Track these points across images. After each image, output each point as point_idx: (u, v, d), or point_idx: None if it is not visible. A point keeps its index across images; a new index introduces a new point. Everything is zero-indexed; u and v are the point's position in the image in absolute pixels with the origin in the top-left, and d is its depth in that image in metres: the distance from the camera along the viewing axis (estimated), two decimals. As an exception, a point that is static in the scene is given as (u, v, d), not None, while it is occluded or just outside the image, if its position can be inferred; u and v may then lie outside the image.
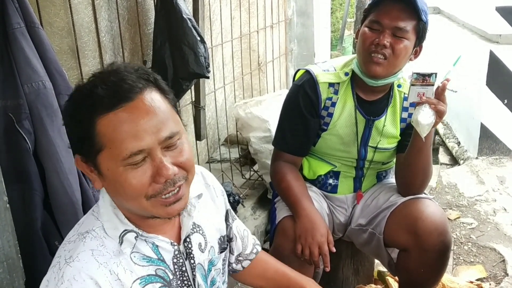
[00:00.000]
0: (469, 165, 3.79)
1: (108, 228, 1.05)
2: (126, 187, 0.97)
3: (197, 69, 1.99)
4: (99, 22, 1.88)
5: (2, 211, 1.25)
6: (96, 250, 1.02)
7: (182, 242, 1.15)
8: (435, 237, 1.74)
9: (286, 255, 1.75)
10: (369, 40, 1.75)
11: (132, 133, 0.94)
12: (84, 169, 1.02)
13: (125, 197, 1.00)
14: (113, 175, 0.97)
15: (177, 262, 1.13)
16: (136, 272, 1.05)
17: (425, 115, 1.63)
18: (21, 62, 1.38)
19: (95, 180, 1.02)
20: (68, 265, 0.99)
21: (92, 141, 0.95)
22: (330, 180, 2.03)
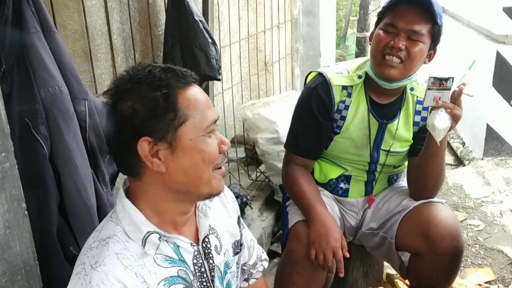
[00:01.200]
0: (474, 166, 3.79)
1: (131, 231, 1.06)
2: (207, 153, 1.05)
3: (208, 71, 1.98)
4: (111, 24, 1.87)
5: (20, 217, 1.24)
6: (121, 254, 1.03)
7: (201, 243, 1.17)
8: (448, 241, 1.74)
9: (299, 260, 1.75)
10: (383, 42, 1.75)
11: (208, 105, 1.07)
12: (146, 154, 1.02)
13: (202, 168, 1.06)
14: (195, 145, 1.04)
15: (196, 263, 1.15)
16: (160, 273, 1.06)
17: (441, 119, 1.62)
18: (37, 67, 1.37)
19: (158, 165, 1.03)
20: (95, 270, 0.99)
21: (176, 114, 1.01)
22: (342, 184, 2.02)
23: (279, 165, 2.84)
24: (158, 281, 1.05)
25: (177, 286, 1.09)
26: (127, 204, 1.07)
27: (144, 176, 1.06)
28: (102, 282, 0.98)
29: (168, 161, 1.04)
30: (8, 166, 1.20)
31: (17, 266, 1.25)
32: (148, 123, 1.01)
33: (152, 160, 1.02)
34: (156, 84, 1.01)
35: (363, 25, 6.02)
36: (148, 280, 1.04)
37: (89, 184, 1.48)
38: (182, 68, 1.07)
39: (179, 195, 1.09)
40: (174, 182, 1.06)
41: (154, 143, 1.02)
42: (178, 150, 1.03)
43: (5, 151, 1.19)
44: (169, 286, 1.07)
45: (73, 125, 1.43)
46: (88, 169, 1.49)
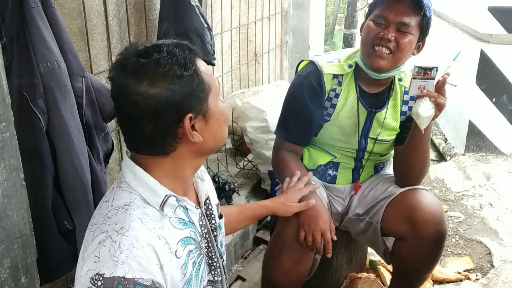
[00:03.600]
0: (456, 161, 3.88)
1: (149, 197, 1.09)
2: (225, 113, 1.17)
3: (204, 56, 1.97)
4: (108, 5, 1.88)
5: (18, 188, 1.26)
6: (144, 218, 1.06)
7: (203, 205, 1.25)
8: (432, 226, 1.80)
9: (288, 241, 1.79)
10: (373, 33, 1.80)
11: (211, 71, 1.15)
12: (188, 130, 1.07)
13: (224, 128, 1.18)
14: (217, 110, 1.13)
15: (202, 224, 1.22)
16: (177, 234, 1.12)
17: (425, 108, 1.67)
18: (37, 41, 1.38)
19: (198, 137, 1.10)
20: (123, 235, 1.01)
21: (204, 85, 1.08)
22: (330, 171, 2.07)
23: (267, 154, 2.88)
24: (176, 242, 1.10)
25: (190, 246, 1.16)
26: (140, 172, 1.10)
27: (174, 152, 1.10)
28: (132, 246, 1.00)
29: (203, 131, 1.11)
30: (8, 136, 1.22)
31: (13, 235, 1.27)
32: (188, 101, 1.06)
33: (192, 133, 1.09)
34: (183, 62, 1.05)
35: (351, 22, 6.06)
36: (169, 241, 1.08)
37: (84, 160, 1.50)
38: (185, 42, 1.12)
39: (201, 158, 1.19)
40: (206, 148, 1.14)
41: (194, 117, 1.08)
42: (209, 119, 1.11)
43: (5, 121, 1.21)
44: (185, 246, 1.13)
45: (70, 101, 1.45)
46: (84, 145, 1.51)
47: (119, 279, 0.96)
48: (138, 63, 1.03)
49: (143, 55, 1.04)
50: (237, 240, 2.63)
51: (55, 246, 1.51)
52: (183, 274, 1.11)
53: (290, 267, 1.81)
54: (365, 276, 2.36)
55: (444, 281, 2.46)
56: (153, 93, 1.02)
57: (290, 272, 1.81)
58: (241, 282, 2.49)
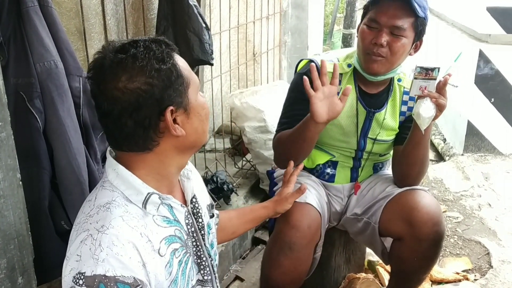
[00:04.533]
0: (454, 161, 3.88)
1: (131, 195, 1.08)
2: (205, 107, 1.16)
3: (202, 55, 2.01)
4: (106, 4, 1.88)
5: (15, 187, 1.26)
6: (125, 216, 1.05)
7: (189, 203, 1.24)
8: (430, 227, 1.79)
9: (287, 242, 1.78)
10: (367, 39, 1.79)
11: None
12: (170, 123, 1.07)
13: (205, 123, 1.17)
14: (198, 104, 1.13)
15: (188, 223, 1.21)
16: (160, 233, 1.11)
17: (426, 108, 1.67)
18: (34, 41, 1.38)
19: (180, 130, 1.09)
20: (103, 233, 1.01)
21: (183, 78, 1.09)
22: (328, 170, 2.07)
23: (265, 154, 2.88)
24: (160, 240, 1.10)
25: (175, 244, 1.14)
26: (122, 170, 1.09)
27: (157, 147, 1.10)
28: (112, 244, 0.99)
29: (185, 124, 1.10)
30: (5, 136, 1.22)
31: (10, 236, 1.27)
32: (167, 94, 1.06)
33: (174, 126, 1.08)
34: (160, 56, 1.05)
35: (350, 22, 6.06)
36: (152, 239, 1.07)
37: (81, 160, 1.50)
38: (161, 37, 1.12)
39: (185, 153, 1.16)
40: (188, 142, 1.13)
41: (175, 110, 1.08)
42: (190, 112, 1.11)
43: (2, 121, 1.21)
44: (169, 245, 1.12)
45: (67, 100, 1.45)
46: (81, 145, 1.50)
47: (100, 277, 0.96)
48: (116, 59, 1.03)
49: (120, 51, 1.05)
50: (236, 240, 2.62)
51: (52, 246, 1.50)
52: (168, 273, 1.11)
53: (289, 267, 1.80)
54: (364, 276, 2.36)
55: (442, 282, 2.46)
56: (132, 87, 1.02)
57: (289, 272, 1.81)
58: (239, 282, 2.49)
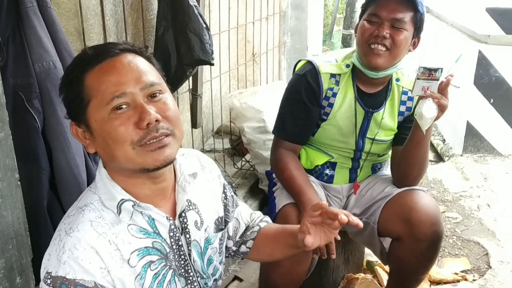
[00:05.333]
0: (454, 162, 3.88)
1: (106, 200, 1.09)
2: (112, 134, 1.01)
3: (203, 55, 2.02)
4: (105, 5, 1.88)
5: (13, 188, 1.26)
6: (95, 222, 1.05)
7: (178, 217, 1.18)
8: (428, 227, 1.79)
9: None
10: (368, 32, 1.80)
11: (115, 81, 1.02)
12: (79, 136, 1.08)
13: (114, 148, 1.03)
14: (101, 125, 1.03)
15: (173, 236, 1.17)
16: (133, 243, 1.09)
17: (428, 108, 1.67)
18: (32, 41, 1.39)
19: (88, 145, 1.08)
20: (69, 235, 1.03)
21: (81, 96, 1.03)
22: (327, 171, 2.07)
23: (264, 154, 2.88)
24: (131, 251, 1.08)
25: (151, 257, 1.12)
26: (104, 173, 1.10)
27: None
28: (74, 247, 1.01)
29: (93, 142, 1.08)
30: (3, 136, 1.22)
31: (8, 236, 1.27)
32: (68, 108, 1.08)
33: (84, 141, 1.08)
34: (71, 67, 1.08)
35: (349, 23, 6.09)
36: (121, 248, 1.06)
37: (80, 160, 1.50)
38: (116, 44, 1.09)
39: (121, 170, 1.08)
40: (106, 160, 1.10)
41: (78, 126, 1.07)
42: (93, 132, 1.06)
43: (0, 121, 1.21)
44: (142, 257, 1.10)
45: (66, 101, 1.45)
46: (80, 145, 1.50)
47: (61, 278, 0.99)
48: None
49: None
50: (234, 241, 2.62)
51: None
52: (140, 285, 1.09)
53: (289, 268, 1.80)
54: (362, 276, 2.35)
55: (441, 282, 2.46)
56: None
57: (289, 273, 1.81)
58: (238, 283, 2.49)
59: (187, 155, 1.32)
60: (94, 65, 1.04)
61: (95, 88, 1.02)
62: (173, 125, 1.07)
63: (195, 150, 1.38)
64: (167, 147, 1.05)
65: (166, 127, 1.05)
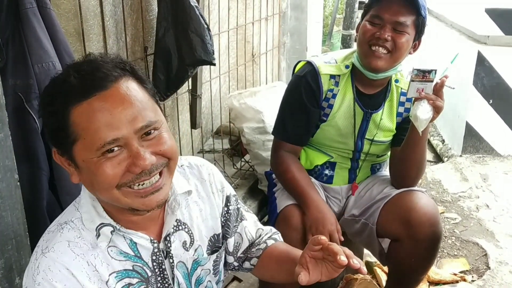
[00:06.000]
0: (453, 163, 3.88)
1: (86, 220, 1.05)
2: (99, 178, 0.95)
3: (204, 56, 2.02)
4: (104, 6, 1.88)
5: (12, 188, 1.26)
6: (73, 242, 1.02)
7: (163, 240, 1.14)
8: (427, 227, 1.80)
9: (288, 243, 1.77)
10: (369, 33, 1.80)
11: (107, 122, 0.92)
12: (62, 163, 1.00)
13: (98, 189, 0.98)
14: (88, 167, 0.95)
15: (156, 260, 1.13)
16: (112, 265, 1.06)
17: (423, 110, 1.68)
18: (32, 42, 1.39)
19: (72, 174, 1.00)
20: (44, 255, 1.00)
21: (67, 132, 0.93)
22: (326, 171, 2.08)
23: (264, 154, 2.88)
24: (109, 272, 1.05)
25: (130, 279, 1.09)
26: (87, 192, 1.05)
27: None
28: (48, 268, 0.98)
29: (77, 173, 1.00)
30: (2, 136, 1.22)
31: (7, 236, 1.27)
32: (52, 136, 0.99)
33: (68, 168, 1.01)
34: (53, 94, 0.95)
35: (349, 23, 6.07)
36: (100, 270, 1.04)
37: (79, 161, 1.50)
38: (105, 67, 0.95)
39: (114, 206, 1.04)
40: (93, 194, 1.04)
41: (61, 155, 0.99)
42: (78, 167, 0.98)
43: (0, 122, 1.21)
44: (121, 279, 1.07)
45: (65, 101, 1.45)
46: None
47: None
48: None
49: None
50: (234, 241, 2.62)
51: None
52: None
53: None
54: (361, 277, 2.35)
55: (440, 283, 2.46)
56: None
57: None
58: (237, 283, 2.49)
59: (186, 167, 1.25)
60: (82, 100, 0.92)
61: (84, 127, 0.92)
62: (169, 158, 1.01)
63: (199, 159, 1.29)
64: (161, 190, 1.01)
65: (160, 164, 0.99)
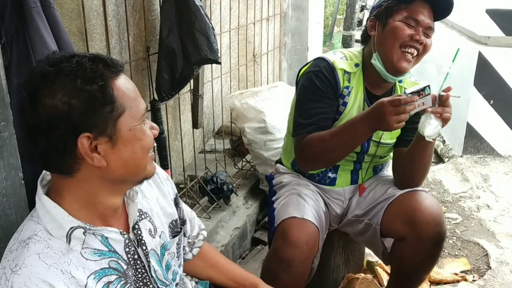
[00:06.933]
0: (454, 163, 3.89)
1: (53, 229, 1.03)
2: (144, 141, 1.06)
3: (210, 54, 2.03)
4: (107, 5, 1.89)
5: (17, 186, 1.26)
6: (43, 253, 0.99)
7: (131, 230, 1.16)
8: (432, 227, 1.80)
9: (285, 260, 1.74)
10: (406, 33, 1.76)
11: (138, 93, 1.07)
12: (87, 150, 0.99)
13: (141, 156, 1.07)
14: (134, 134, 1.04)
15: (129, 251, 1.14)
16: (88, 267, 1.05)
17: (431, 127, 1.67)
18: (36, 41, 1.38)
19: (100, 160, 1.01)
20: (16, 273, 0.96)
21: (113, 106, 1.00)
22: (329, 173, 2.05)
23: (265, 154, 2.89)
24: (87, 275, 1.04)
25: (108, 277, 1.08)
26: (46, 201, 1.04)
27: (78, 173, 1.02)
28: (24, 285, 0.95)
29: (108, 155, 1.02)
30: (7, 135, 1.22)
31: (12, 234, 1.27)
32: (87, 118, 0.97)
33: (92, 155, 0.99)
34: (89, 76, 0.97)
35: (350, 24, 6.08)
36: (76, 275, 1.01)
37: (83, 159, 1.50)
38: (108, 56, 1.05)
39: (115, 185, 1.08)
40: (114, 174, 1.05)
41: (94, 138, 0.99)
42: (118, 143, 1.02)
43: (4, 120, 1.21)
44: (99, 279, 1.06)
45: (69, 100, 1.45)
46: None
47: None
48: (44, 71, 0.98)
49: (51, 64, 0.99)
50: (235, 241, 2.64)
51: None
52: None
53: (289, 282, 1.76)
54: (363, 276, 2.36)
55: (441, 282, 2.47)
56: (50, 104, 0.96)
57: (289, 286, 1.77)
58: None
59: None
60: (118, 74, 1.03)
61: (128, 99, 1.03)
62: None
63: None
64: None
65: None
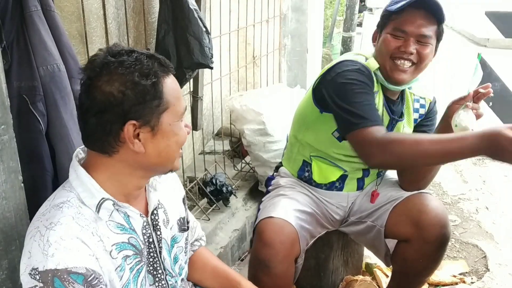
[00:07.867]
0: (452, 165, 3.89)
1: (85, 197, 1.11)
2: (180, 136, 1.16)
3: (202, 59, 2.02)
4: (107, 8, 1.90)
5: (17, 189, 1.27)
6: (76, 216, 1.08)
7: (150, 215, 1.25)
8: (438, 229, 1.82)
9: (262, 259, 1.73)
10: (393, 46, 1.74)
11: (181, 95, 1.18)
12: (130, 136, 1.08)
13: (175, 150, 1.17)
14: (172, 129, 1.14)
15: (145, 233, 1.22)
16: (112, 238, 1.13)
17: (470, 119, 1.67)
18: (37, 45, 1.40)
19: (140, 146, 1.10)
20: (51, 230, 1.04)
21: (161, 101, 1.10)
22: (337, 183, 2.02)
23: (264, 156, 2.89)
24: (111, 244, 1.13)
25: (127, 251, 1.17)
26: (81, 172, 1.13)
27: (117, 154, 1.12)
28: (60, 238, 1.03)
29: (147, 143, 1.11)
30: (7, 138, 1.23)
31: (11, 237, 1.28)
32: (137, 108, 1.08)
33: (134, 141, 1.10)
34: (145, 72, 1.08)
35: (349, 25, 6.09)
36: (104, 240, 1.11)
37: (83, 162, 1.51)
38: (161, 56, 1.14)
39: (146, 171, 1.18)
40: (148, 161, 1.14)
41: (139, 126, 1.09)
42: (158, 134, 1.12)
43: (4, 124, 1.22)
44: (120, 251, 1.15)
45: (70, 103, 1.46)
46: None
47: (52, 271, 1.00)
48: (105, 60, 1.08)
49: (112, 55, 1.09)
50: (234, 242, 2.64)
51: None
52: (119, 277, 1.13)
53: (269, 283, 1.75)
54: (361, 278, 2.37)
55: (439, 284, 2.48)
56: (107, 90, 1.06)
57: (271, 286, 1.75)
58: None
59: None
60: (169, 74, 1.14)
61: (174, 96, 1.13)
62: None
63: None
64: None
65: None
